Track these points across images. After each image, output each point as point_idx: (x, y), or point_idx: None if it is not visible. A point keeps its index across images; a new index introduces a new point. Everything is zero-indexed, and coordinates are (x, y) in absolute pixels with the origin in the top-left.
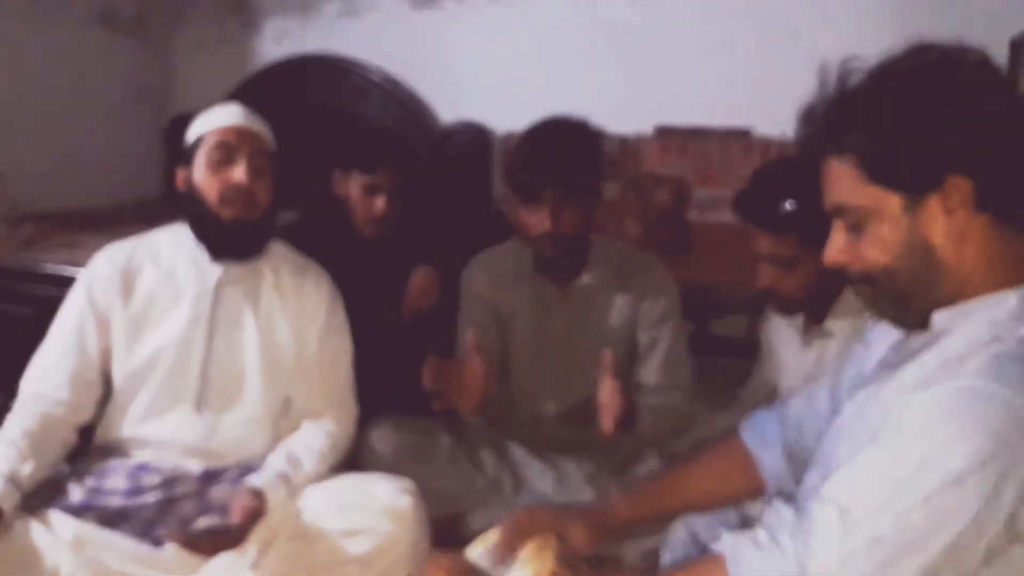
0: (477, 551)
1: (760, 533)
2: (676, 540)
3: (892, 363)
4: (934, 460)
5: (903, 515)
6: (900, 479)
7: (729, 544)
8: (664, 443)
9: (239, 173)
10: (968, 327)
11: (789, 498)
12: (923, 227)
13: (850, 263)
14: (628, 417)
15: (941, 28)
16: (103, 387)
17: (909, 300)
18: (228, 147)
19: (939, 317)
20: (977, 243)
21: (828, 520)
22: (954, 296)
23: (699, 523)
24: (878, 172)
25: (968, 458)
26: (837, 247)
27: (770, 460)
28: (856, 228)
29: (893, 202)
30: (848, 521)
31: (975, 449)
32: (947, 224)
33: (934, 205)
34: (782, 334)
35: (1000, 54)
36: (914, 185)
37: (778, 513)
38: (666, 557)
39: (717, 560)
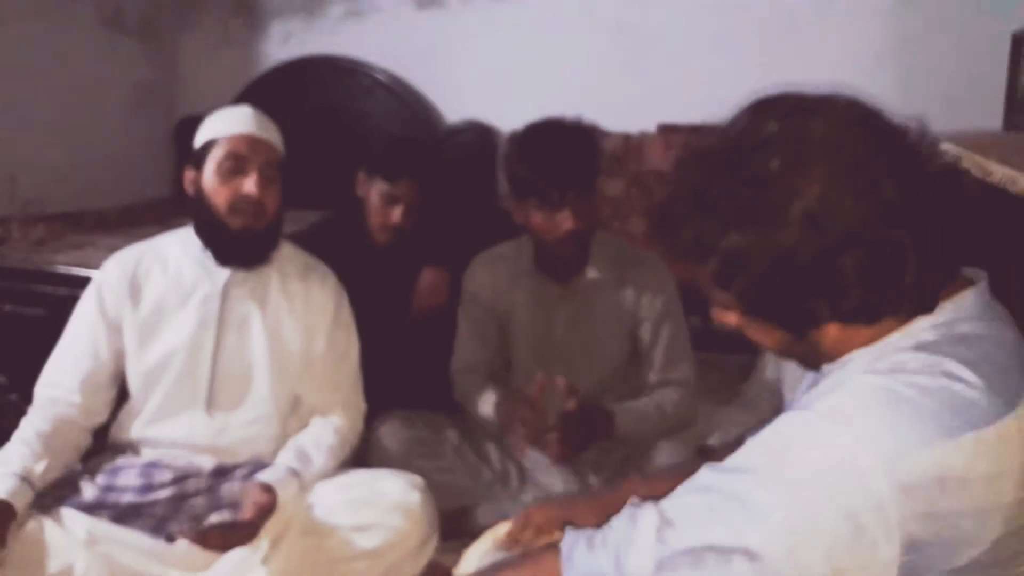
0: (485, 544)
1: (599, 533)
2: None
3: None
4: (753, 490)
5: (716, 540)
6: (720, 501)
7: (568, 541)
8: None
9: (250, 185)
10: (855, 362)
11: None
12: (809, 339)
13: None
14: (581, 441)
15: (942, 22)
16: (116, 389)
17: (801, 363)
18: (239, 157)
19: (827, 368)
20: (858, 336)
21: (648, 526)
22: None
23: None
24: (755, 315)
25: (782, 493)
26: (722, 317)
27: None
28: (739, 320)
29: (773, 331)
30: (663, 532)
31: (789, 483)
32: (829, 337)
33: (814, 336)
34: None
35: (1002, 48)
36: (790, 329)
37: (621, 515)
38: None
39: (554, 555)
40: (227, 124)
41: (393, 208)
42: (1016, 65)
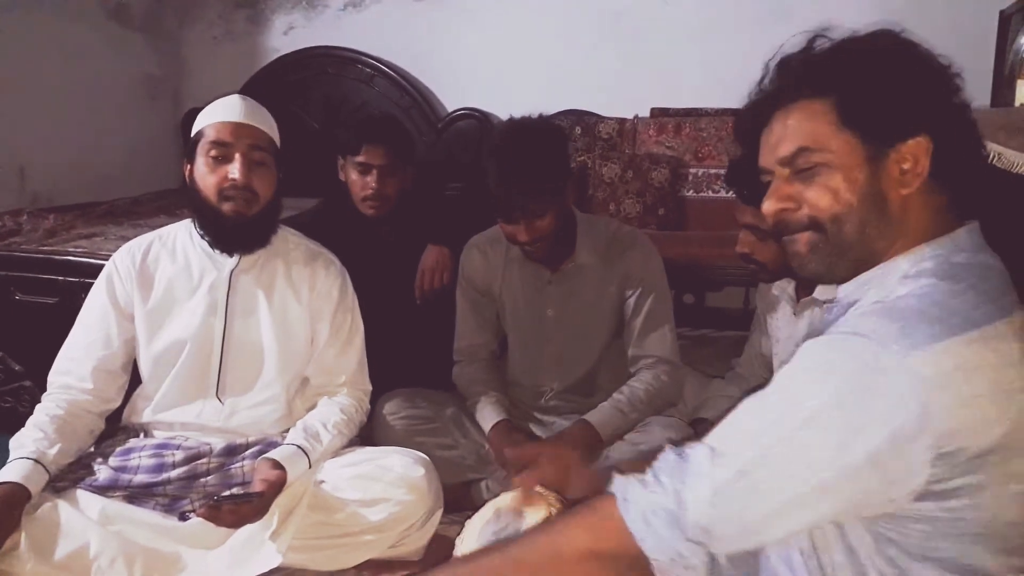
0: (486, 516)
1: (647, 474)
2: None
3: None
4: (793, 402)
5: (765, 451)
6: (764, 420)
7: (620, 485)
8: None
9: (234, 170)
10: (866, 298)
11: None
12: (880, 181)
13: (794, 210)
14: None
15: (932, 3)
16: (128, 375)
17: (849, 251)
18: (223, 144)
19: (843, 290)
20: (917, 205)
21: (700, 458)
22: (884, 254)
23: None
24: (854, 115)
25: (819, 398)
26: (783, 194)
27: None
28: (808, 176)
29: (858, 151)
30: (716, 458)
31: (828, 390)
32: (900, 182)
33: (894, 161)
34: (774, 305)
35: (990, 26)
36: (885, 135)
37: (664, 458)
38: None
39: (609, 499)
40: (212, 114)
41: (367, 177)
42: (1003, 42)
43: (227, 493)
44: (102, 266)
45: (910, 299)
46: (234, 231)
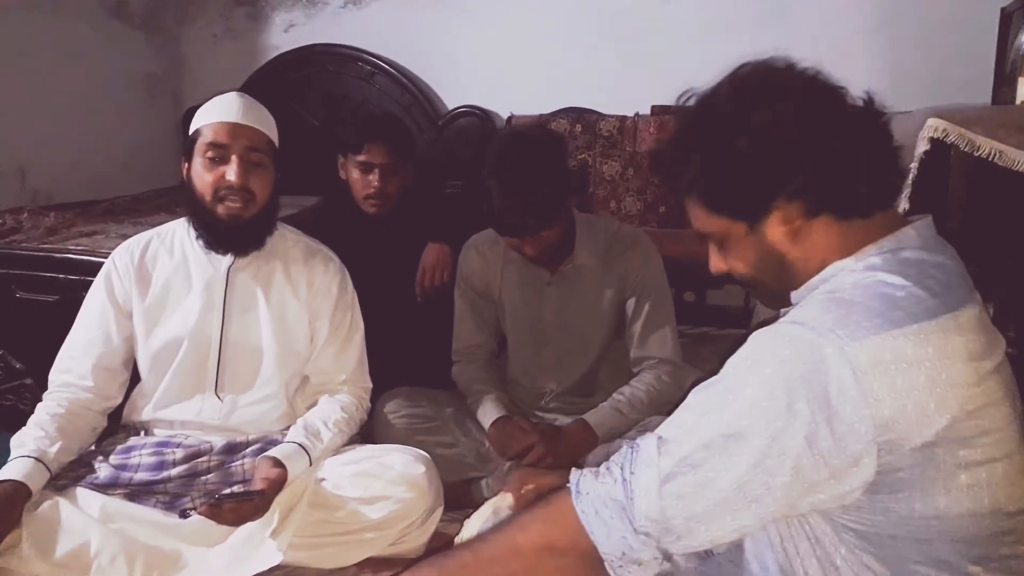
0: (485, 514)
1: (602, 465)
2: None
3: None
4: (733, 390)
5: (709, 439)
6: (708, 408)
7: (575, 477)
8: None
9: (230, 172)
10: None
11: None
12: (769, 241)
13: (727, 272)
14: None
15: (933, 0)
16: (129, 372)
17: (779, 294)
18: (219, 146)
19: (794, 296)
20: (819, 238)
21: (649, 448)
22: (817, 273)
23: None
24: (716, 207)
25: (759, 385)
26: (714, 262)
27: None
28: (721, 246)
29: (737, 228)
30: (663, 447)
31: (765, 376)
32: (788, 232)
33: (773, 221)
34: None
35: (991, 23)
36: (749, 214)
37: (620, 451)
38: None
39: (565, 492)
40: (210, 113)
41: (369, 175)
42: (1004, 40)
43: (228, 491)
44: (102, 264)
45: (855, 291)
46: (228, 233)
